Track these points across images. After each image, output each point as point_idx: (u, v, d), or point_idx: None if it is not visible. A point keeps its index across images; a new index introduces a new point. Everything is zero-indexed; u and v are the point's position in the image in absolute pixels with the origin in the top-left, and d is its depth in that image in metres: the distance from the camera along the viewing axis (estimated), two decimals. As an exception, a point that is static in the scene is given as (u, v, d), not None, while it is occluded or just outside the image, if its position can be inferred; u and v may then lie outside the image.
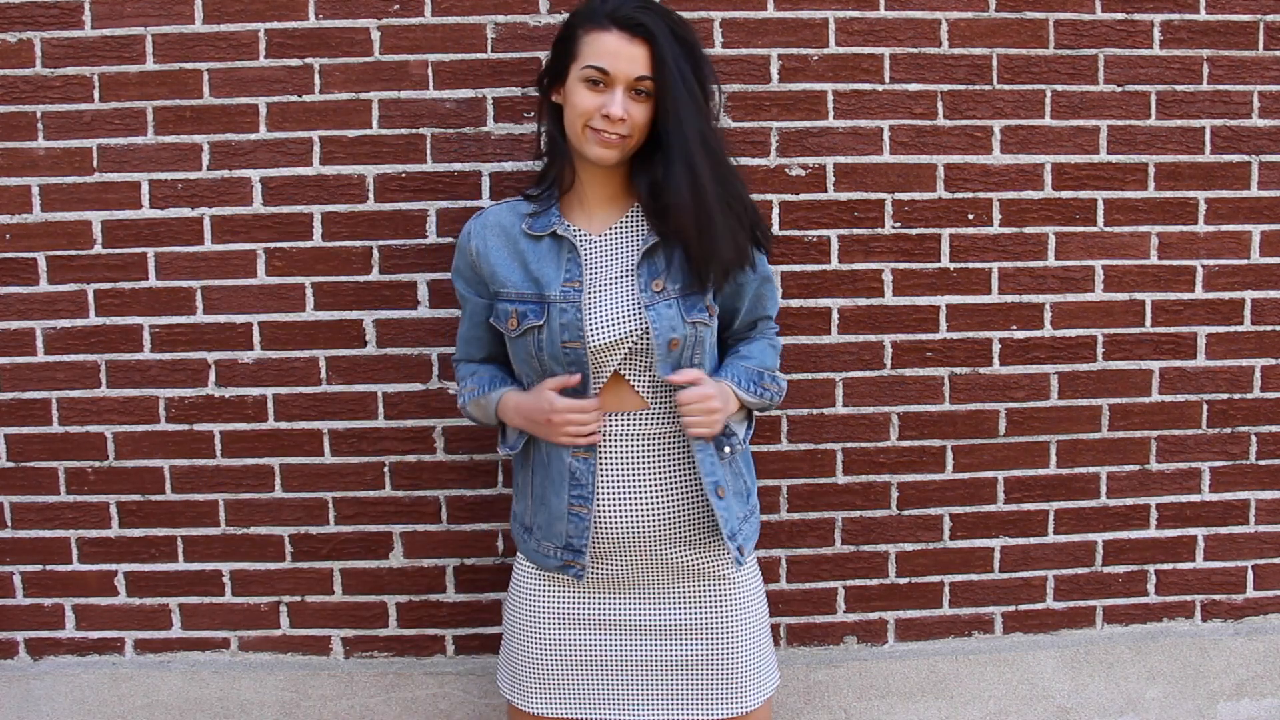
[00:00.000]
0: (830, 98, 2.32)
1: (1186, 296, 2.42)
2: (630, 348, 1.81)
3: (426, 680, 2.40)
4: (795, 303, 2.36)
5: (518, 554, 1.97)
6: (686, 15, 2.26)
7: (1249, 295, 2.43)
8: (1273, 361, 2.45)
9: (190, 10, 2.26)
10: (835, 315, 2.37)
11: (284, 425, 2.34)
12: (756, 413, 2.03)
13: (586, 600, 1.90)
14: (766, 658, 1.96)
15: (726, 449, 1.86)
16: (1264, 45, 2.36)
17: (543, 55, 2.20)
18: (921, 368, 2.39)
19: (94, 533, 2.37)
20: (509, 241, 1.87)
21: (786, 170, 2.33)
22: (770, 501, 2.40)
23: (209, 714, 2.39)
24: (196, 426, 2.35)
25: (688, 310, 1.81)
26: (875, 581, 2.44)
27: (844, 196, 2.34)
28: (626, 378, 1.83)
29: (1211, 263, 2.41)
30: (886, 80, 2.32)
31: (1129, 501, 2.46)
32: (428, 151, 2.29)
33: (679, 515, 1.85)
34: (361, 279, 2.31)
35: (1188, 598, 2.50)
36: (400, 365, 2.33)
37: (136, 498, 2.37)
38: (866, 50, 2.31)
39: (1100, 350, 2.41)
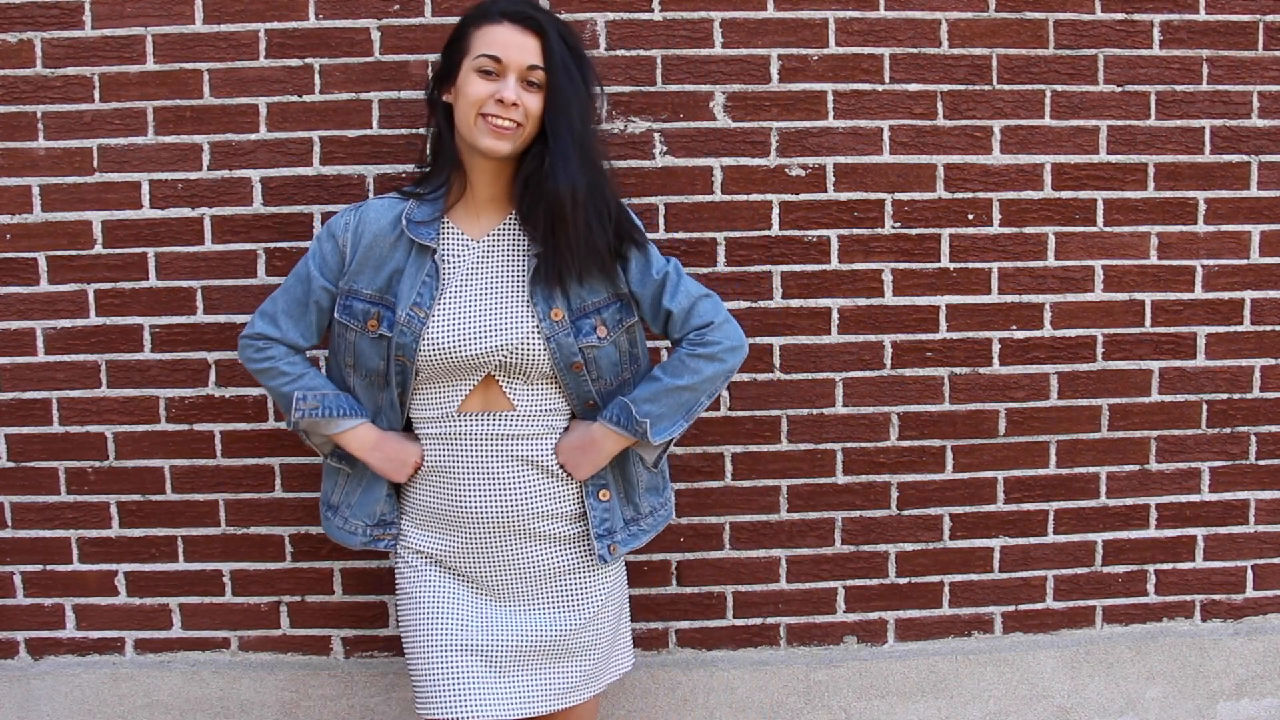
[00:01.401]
0: (830, 98, 2.32)
1: (1186, 296, 2.42)
2: (501, 360, 1.83)
3: (426, 680, 2.40)
4: (795, 303, 2.36)
5: (397, 571, 1.96)
6: (686, 15, 2.28)
7: (1249, 295, 2.43)
8: (1272, 361, 2.45)
9: (190, 10, 2.26)
10: (835, 315, 2.37)
11: (284, 425, 2.34)
12: (684, 423, 1.93)
13: (465, 603, 1.91)
14: (608, 655, 1.99)
15: (603, 493, 1.92)
16: (1264, 45, 2.37)
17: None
18: (921, 368, 2.39)
19: (94, 533, 2.37)
20: (383, 244, 1.88)
21: (786, 170, 2.33)
22: (770, 501, 2.40)
23: (209, 714, 2.39)
24: (196, 426, 2.35)
25: (582, 335, 1.86)
26: (875, 581, 2.44)
27: (844, 196, 2.34)
28: (499, 382, 1.86)
29: (1211, 263, 2.41)
30: (886, 80, 2.33)
31: (1129, 501, 2.46)
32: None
33: (538, 511, 1.88)
34: (361, 279, 2.31)
35: (1187, 598, 2.50)
36: (400, 365, 2.33)
37: (137, 498, 2.37)
38: (866, 50, 2.32)
39: (1100, 350, 2.41)
